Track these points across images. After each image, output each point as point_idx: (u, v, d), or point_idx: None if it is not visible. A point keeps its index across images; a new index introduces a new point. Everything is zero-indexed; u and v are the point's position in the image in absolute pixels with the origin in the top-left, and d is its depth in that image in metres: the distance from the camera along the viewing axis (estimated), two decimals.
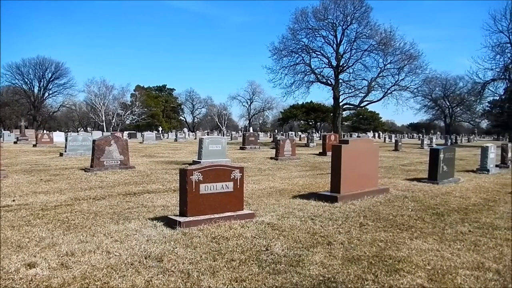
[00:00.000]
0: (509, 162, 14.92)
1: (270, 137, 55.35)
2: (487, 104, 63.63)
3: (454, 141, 48.48)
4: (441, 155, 10.08)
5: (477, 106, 59.13)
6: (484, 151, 12.88)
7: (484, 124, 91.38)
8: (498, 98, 47.50)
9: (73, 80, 73.99)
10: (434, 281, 3.58)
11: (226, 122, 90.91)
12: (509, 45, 37.10)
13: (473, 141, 61.92)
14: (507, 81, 38.89)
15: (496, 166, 13.65)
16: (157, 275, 3.59)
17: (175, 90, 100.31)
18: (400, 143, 27.96)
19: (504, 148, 14.90)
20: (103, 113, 64.98)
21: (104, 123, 65.01)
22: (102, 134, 34.85)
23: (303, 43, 36.64)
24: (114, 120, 68.11)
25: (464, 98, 54.40)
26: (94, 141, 11.96)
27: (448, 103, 66.18)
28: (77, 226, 5.32)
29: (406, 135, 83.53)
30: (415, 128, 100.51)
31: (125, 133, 48.87)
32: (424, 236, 5.10)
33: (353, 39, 35.68)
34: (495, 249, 4.61)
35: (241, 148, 24.98)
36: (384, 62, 35.57)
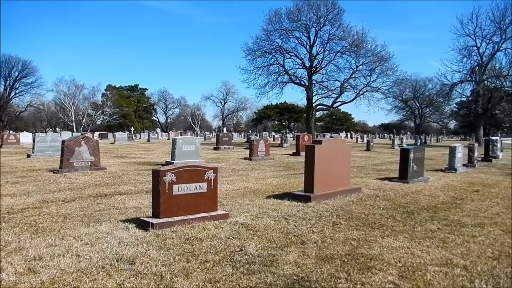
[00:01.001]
0: (476, 161, 15.43)
1: (244, 138, 55.38)
2: (454, 105, 65.60)
3: (423, 141, 49.81)
4: (411, 155, 10.32)
5: (445, 107, 60.85)
6: (452, 151, 13.27)
7: (452, 124, 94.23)
8: (465, 99, 49.08)
9: (41, 79, 71.99)
10: (405, 278, 3.66)
11: (199, 123, 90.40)
12: (475, 48, 38.38)
13: (441, 141, 63.78)
14: (473, 83, 40.17)
15: (464, 165, 14.09)
16: (129, 278, 3.52)
17: (147, 90, 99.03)
18: (371, 143, 28.50)
19: (471, 148, 15.40)
20: (72, 113, 63.45)
21: (74, 124, 63.49)
22: (72, 134, 34.01)
23: (277, 44, 36.87)
24: (84, 120, 66.63)
25: (433, 99, 55.86)
26: (63, 141, 11.66)
27: (417, 104, 67.83)
28: (46, 229, 5.17)
29: (378, 135, 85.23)
30: (386, 128, 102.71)
31: (96, 133, 47.95)
32: (395, 234, 5.20)
33: (326, 41, 36.14)
34: (462, 245, 4.75)
35: (215, 149, 24.88)
36: (356, 64, 36.20)
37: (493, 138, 20.55)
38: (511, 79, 38.19)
